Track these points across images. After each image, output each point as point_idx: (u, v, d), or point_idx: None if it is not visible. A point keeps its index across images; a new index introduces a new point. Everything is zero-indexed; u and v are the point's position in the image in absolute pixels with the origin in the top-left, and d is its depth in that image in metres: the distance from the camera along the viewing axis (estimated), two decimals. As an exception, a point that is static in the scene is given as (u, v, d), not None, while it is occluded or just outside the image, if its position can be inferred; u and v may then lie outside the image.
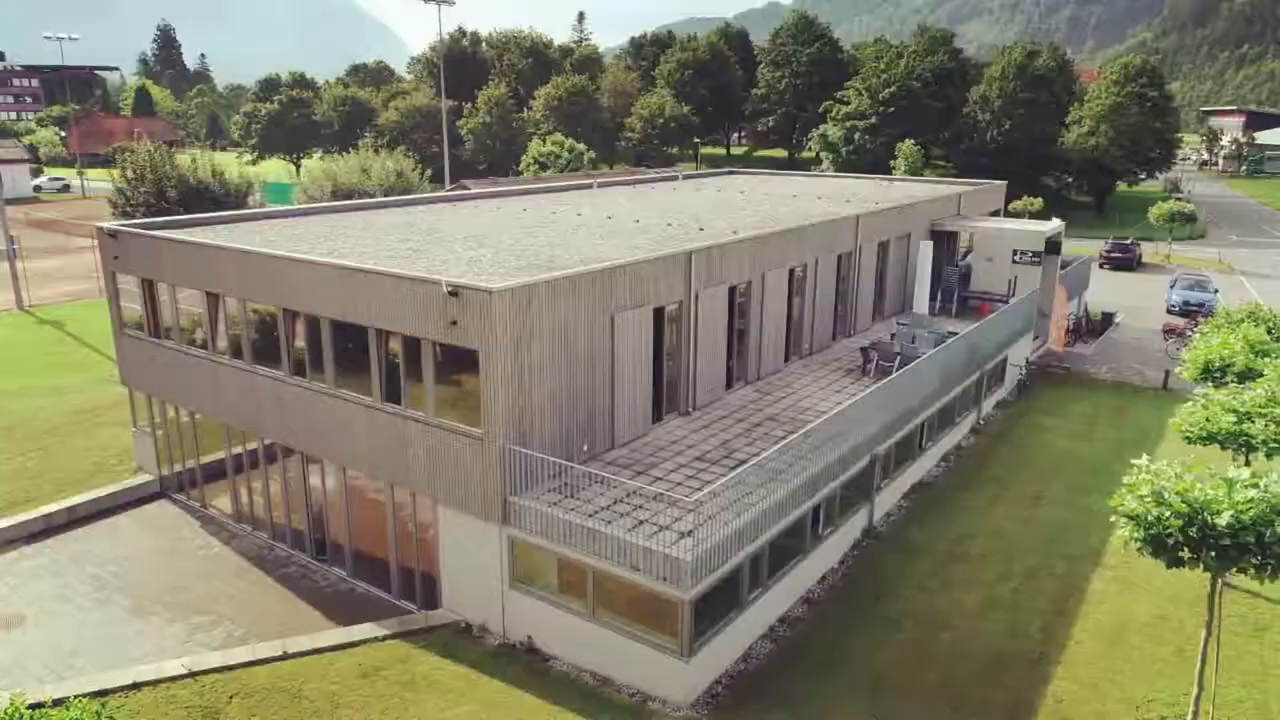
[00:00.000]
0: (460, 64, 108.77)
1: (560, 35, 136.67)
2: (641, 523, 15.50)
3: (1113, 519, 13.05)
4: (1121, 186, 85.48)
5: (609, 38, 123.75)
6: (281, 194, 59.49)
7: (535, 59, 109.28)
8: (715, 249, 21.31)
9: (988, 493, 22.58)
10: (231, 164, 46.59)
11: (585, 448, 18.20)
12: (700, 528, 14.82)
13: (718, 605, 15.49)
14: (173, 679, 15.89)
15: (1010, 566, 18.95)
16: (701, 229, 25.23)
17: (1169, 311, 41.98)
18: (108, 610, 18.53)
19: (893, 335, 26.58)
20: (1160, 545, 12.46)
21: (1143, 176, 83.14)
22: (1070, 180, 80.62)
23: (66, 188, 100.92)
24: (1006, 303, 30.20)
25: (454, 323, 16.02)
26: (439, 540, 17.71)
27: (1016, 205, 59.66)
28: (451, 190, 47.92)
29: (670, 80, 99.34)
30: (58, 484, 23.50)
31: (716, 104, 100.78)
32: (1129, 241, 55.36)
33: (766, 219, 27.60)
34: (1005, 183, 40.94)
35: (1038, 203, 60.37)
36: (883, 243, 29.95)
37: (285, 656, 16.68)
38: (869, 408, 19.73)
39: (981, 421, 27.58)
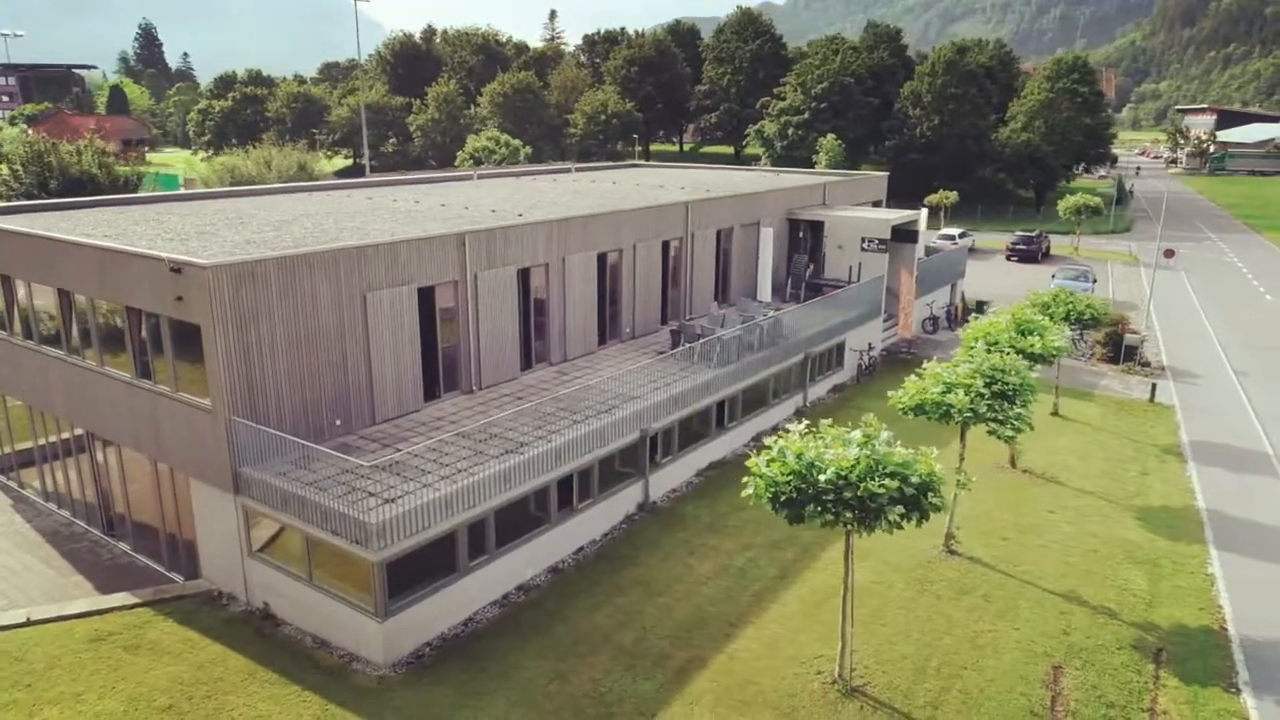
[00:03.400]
0: (414, 61, 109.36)
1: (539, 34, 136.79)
2: (354, 490, 16.06)
3: (745, 479, 13.66)
4: (1067, 182, 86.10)
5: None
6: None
7: (487, 56, 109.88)
8: (497, 231, 21.85)
9: (777, 470, 23.08)
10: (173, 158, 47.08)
11: (338, 423, 18.75)
12: (407, 496, 15.43)
13: (426, 569, 16.04)
14: (-94, 645, 16.43)
15: (758, 538, 19.51)
16: (520, 215, 25.75)
17: (1049, 301, 42.58)
18: (-120, 584, 19.07)
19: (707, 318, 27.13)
20: (778, 500, 13.08)
21: (1079, 172, 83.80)
22: (1004, 175, 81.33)
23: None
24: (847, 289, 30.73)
25: (179, 299, 16.58)
26: (194, 512, 18.26)
27: (932, 199, 60.24)
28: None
29: (617, 76, 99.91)
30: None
31: (664, 100, 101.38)
32: (1034, 234, 56.30)
33: (595, 206, 28.11)
34: (886, 174, 41.52)
35: (952, 196, 60.95)
36: (723, 230, 30.49)
37: (29, 623, 17.23)
38: (629, 383, 20.27)
39: (808, 404, 28.15)
